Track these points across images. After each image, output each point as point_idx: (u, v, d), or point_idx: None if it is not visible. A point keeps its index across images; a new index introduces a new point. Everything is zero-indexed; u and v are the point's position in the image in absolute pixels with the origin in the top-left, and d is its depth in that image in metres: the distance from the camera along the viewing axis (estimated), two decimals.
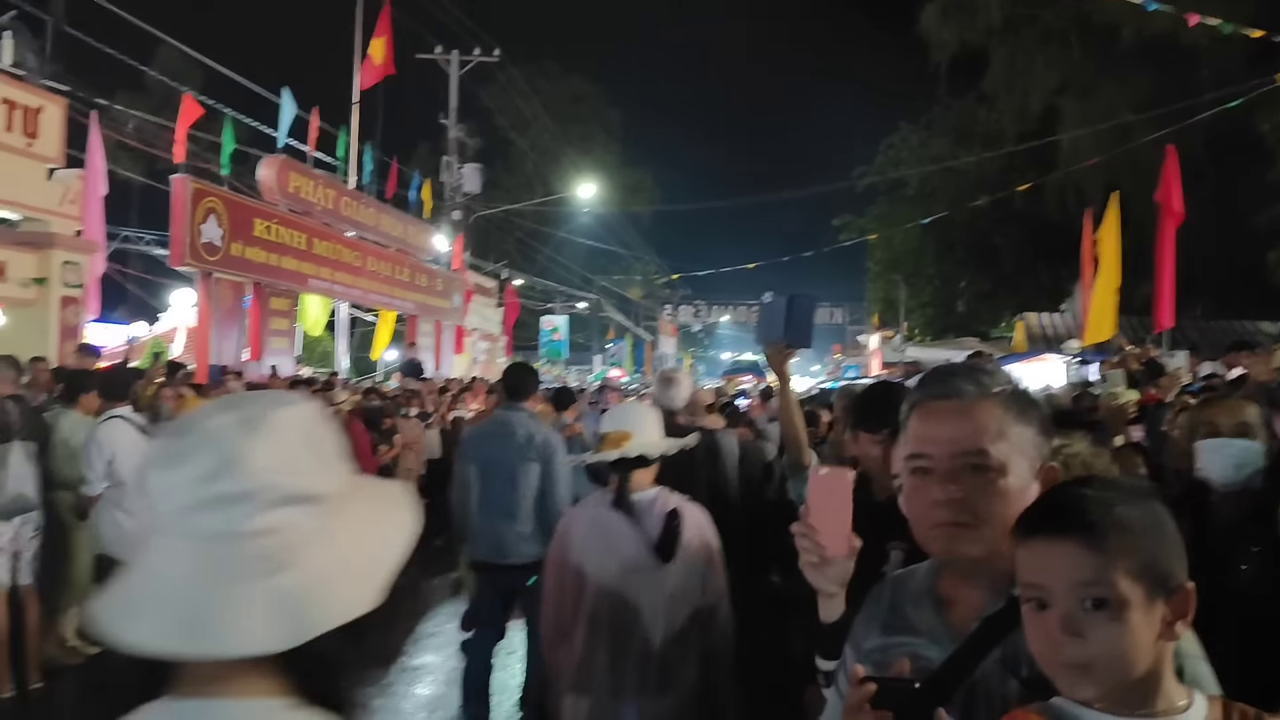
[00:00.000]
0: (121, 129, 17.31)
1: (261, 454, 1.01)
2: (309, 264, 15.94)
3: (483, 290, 26.73)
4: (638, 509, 3.08)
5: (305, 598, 0.99)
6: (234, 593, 0.98)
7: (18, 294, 10.73)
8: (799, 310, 3.10)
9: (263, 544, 1.00)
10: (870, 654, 1.52)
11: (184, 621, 0.97)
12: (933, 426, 1.50)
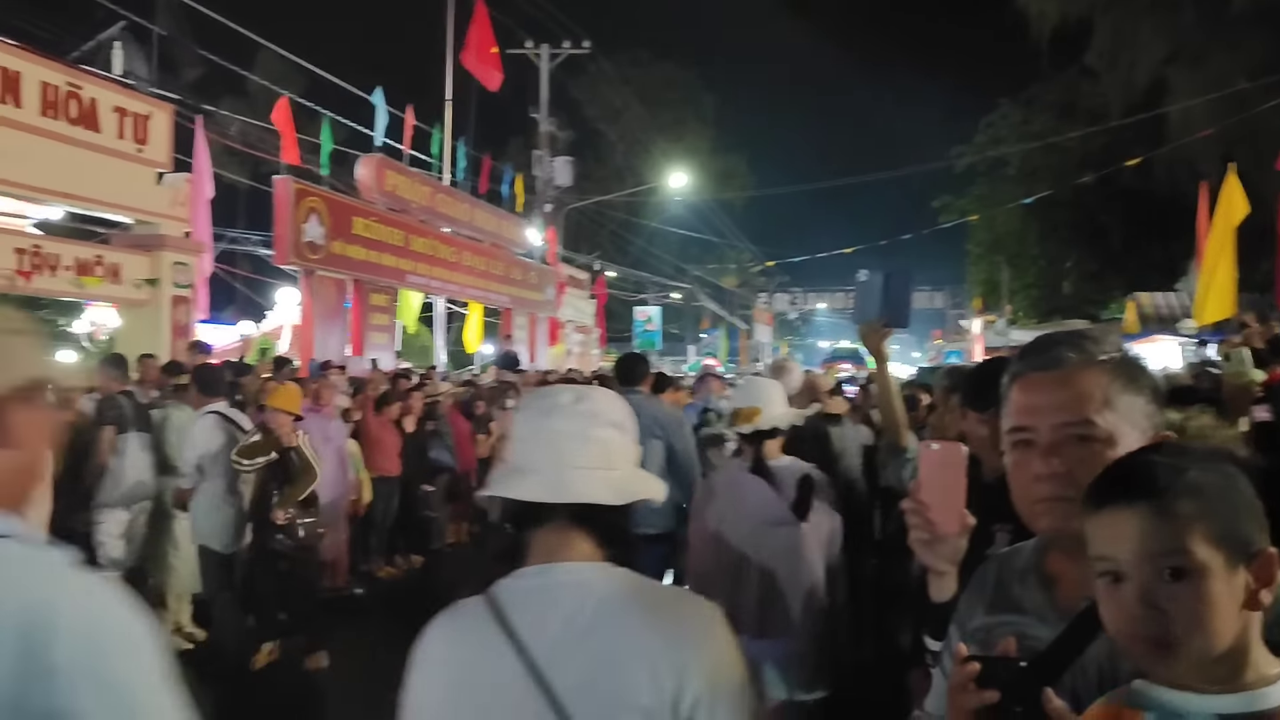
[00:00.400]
0: (226, 133, 17.87)
1: (600, 398, 1.66)
2: (407, 260, 16.23)
3: (576, 282, 26.89)
4: (774, 475, 3.40)
5: (622, 477, 1.61)
6: (584, 461, 1.57)
7: (131, 295, 11.15)
8: (895, 288, 3.01)
9: (601, 438, 1.60)
10: (975, 633, 1.46)
11: (552, 484, 1.54)
12: (1034, 397, 1.42)
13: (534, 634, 1.49)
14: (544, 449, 1.57)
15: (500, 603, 1.55)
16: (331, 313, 14.14)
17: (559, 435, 1.57)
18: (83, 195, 10.54)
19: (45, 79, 9.79)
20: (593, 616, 1.49)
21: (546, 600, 1.52)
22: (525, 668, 1.46)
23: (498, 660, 1.49)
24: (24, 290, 10.51)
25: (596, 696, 1.44)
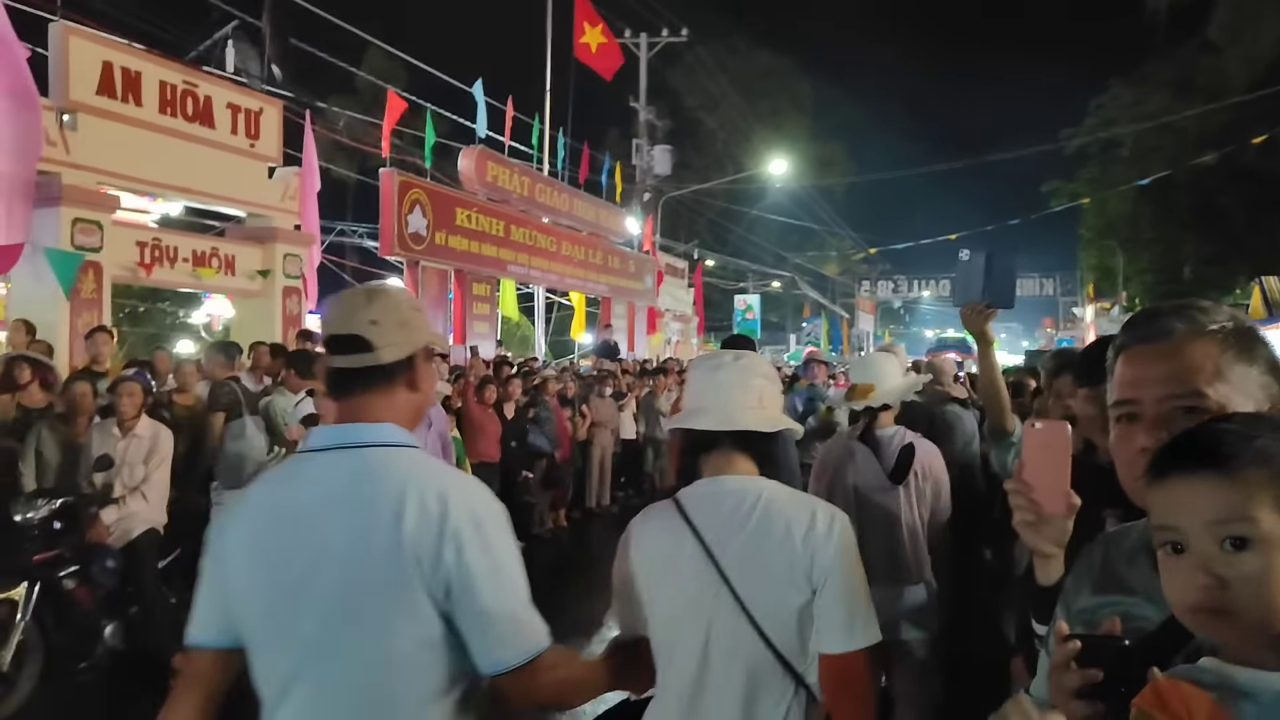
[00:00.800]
0: (334, 128, 18.35)
1: (753, 358, 2.20)
2: (507, 250, 16.46)
3: (674, 271, 26.89)
4: (880, 443, 3.66)
5: (770, 414, 2.14)
6: (748, 397, 2.11)
7: (245, 285, 11.56)
8: (999, 268, 2.92)
9: (759, 384, 2.14)
10: (1080, 614, 1.42)
11: (721, 418, 2.08)
12: (1139, 369, 1.37)
13: (706, 523, 2.02)
14: (714, 394, 2.12)
15: (682, 503, 2.09)
16: (435, 302, 14.43)
17: (724, 384, 2.12)
18: (199, 189, 10.95)
19: (164, 78, 10.21)
20: (749, 511, 2.01)
21: (715, 501, 2.06)
22: (701, 547, 2.00)
23: (681, 542, 2.03)
24: (145, 282, 10.99)
25: (751, 567, 1.98)
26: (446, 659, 1.66)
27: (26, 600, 5.28)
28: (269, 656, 1.72)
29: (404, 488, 1.66)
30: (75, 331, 8.97)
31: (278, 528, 1.72)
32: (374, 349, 1.77)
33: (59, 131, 9.11)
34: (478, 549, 1.66)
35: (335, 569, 1.65)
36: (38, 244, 8.82)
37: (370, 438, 1.75)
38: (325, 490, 1.71)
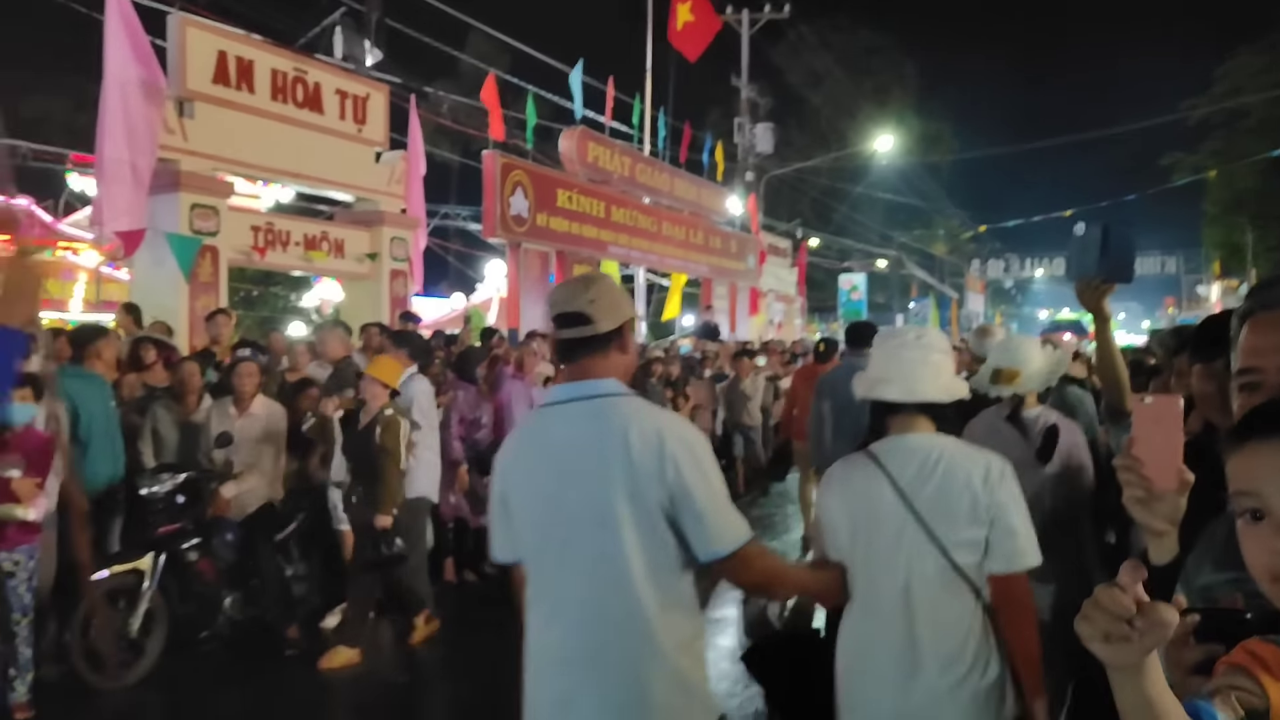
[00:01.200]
0: (438, 112, 18.64)
1: (931, 336, 2.60)
2: (608, 231, 16.50)
3: (777, 251, 26.61)
4: (1025, 423, 3.77)
5: (946, 384, 2.53)
6: (931, 373, 2.50)
7: (354, 269, 11.84)
8: (1116, 240, 2.79)
9: (937, 360, 2.53)
10: (1201, 591, 1.39)
11: (905, 389, 2.48)
12: (1264, 337, 1.33)
13: (899, 471, 2.47)
14: (898, 368, 2.53)
15: (877, 455, 2.53)
16: (536, 284, 14.56)
17: (908, 359, 2.54)
18: (309, 174, 11.24)
19: (275, 66, 10.49)
20: (935, 463, 2.46)
21: (906, 453, 2.50)
22: (896, 492, 2.46)
23: (878, 488, 2.48)
24: (259, 265, 11.35)
25: (940, 509, 2.42)
26: (671, 551, 2.20)
27: (153, 571, 5.52)
28: (539, 567, 2.30)
29: (629, 425, 2.22)
30: (194, 314, 9.32)
31: (540, 461, 2.32)
32: (593, 322, 2.31)
33: (177, 120, 9.44)
34: (690, 466, 2.19)
35: (585, 488, 2.21)
36: (158, 229, 9.18)
37: (596, 391, 2.30)
38: (572, 430, 2.29)
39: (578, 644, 2.22)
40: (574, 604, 2.22)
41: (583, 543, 2.21)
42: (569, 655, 2.23)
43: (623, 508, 2.17)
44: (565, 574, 2.24)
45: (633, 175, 17.58)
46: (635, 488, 2.17)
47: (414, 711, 5.28)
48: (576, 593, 2.22)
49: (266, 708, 5.26)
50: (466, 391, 7.75)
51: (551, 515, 2.27)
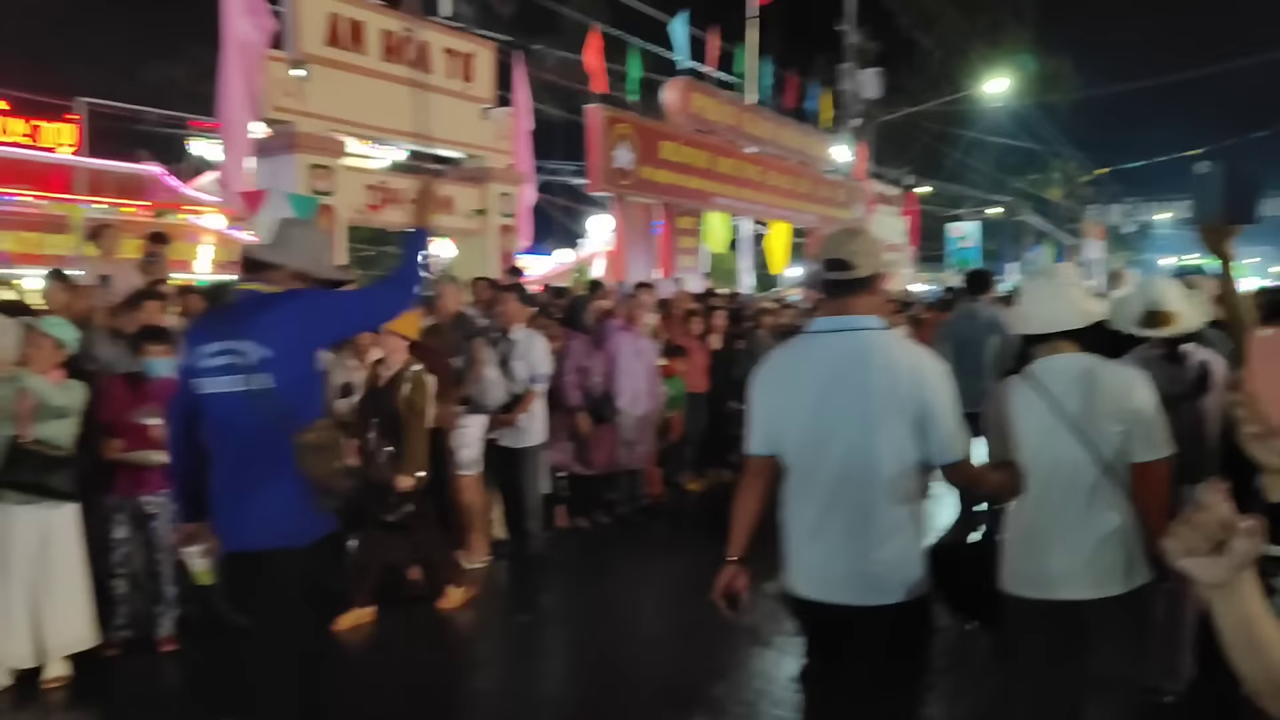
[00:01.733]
0: (543, 67, 18.72)
1: (1068, 272, 3.22)
2: (713, 182, 16.41)
3: (886, 199, 26.06)
4: (1180, 359, 4.03)
5: (1083, 311, 3.03)
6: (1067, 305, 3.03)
7: (463, 225, 12.06)
8: (1240, 180, 2.70)
9: (1073, 292, 3.06)
10: None
11: (1047, 320, 3.04)
12: None
13: (1052, 384, 2.99)
14: (1038, 303, 3.09)
15: (1032, 373, 3.06)
16: (640, 237, 14.61)
17: (1045, 296, 3.09)
18: (420, 133, 11.44)
19: (384, 26, 10.69)
20: (1079, 374, 2.98)
21: (1055, 370, 3.03)
22: (1049, 403, 2.97)
23: (1034, 401, 3.01)
24: (373, 223, 11.66)
25: (1089, 413, 2.93)
26: (915, 453, 2.77)
27: None
28: (802, 458, 2.87)
29: (890, 353, 2.79)
30: None
31: (807, 377, 2.85)
32: (855, 267, 2.82)
33: (295, 82, 9.72)
34: (937, 389, 2.77)
35: (846, 399, 2.77)
36: (278, 190, 9.51)
37: (859, 324, 2.82)
38: (836, 354, 2.81)
39: (831, 517, 2.81)
40: (829, 487, 2.81)
41: (840, 441, 2.78)
42: (824, 526, 2.82)
43: (878, 416, 2.74)
44: (824, 464, 2.81)
45: (737, 125, 17.41)
46: (890, 402, 2.73)
47: (534, 651, 5.47)
48: (832, 478, 2.80)
49: (391, 646, 5.51)
50: (580, 341, 7.89)
51: (815, 420, 2.82)
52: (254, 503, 3.15)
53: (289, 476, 3.12)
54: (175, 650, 5.27)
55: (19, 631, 4.75)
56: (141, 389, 5.26)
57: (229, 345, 3.13)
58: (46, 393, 4.75)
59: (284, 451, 3.11)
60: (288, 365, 3.14)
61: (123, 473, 5.20)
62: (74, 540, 4.94)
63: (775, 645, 5.27)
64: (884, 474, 2.75)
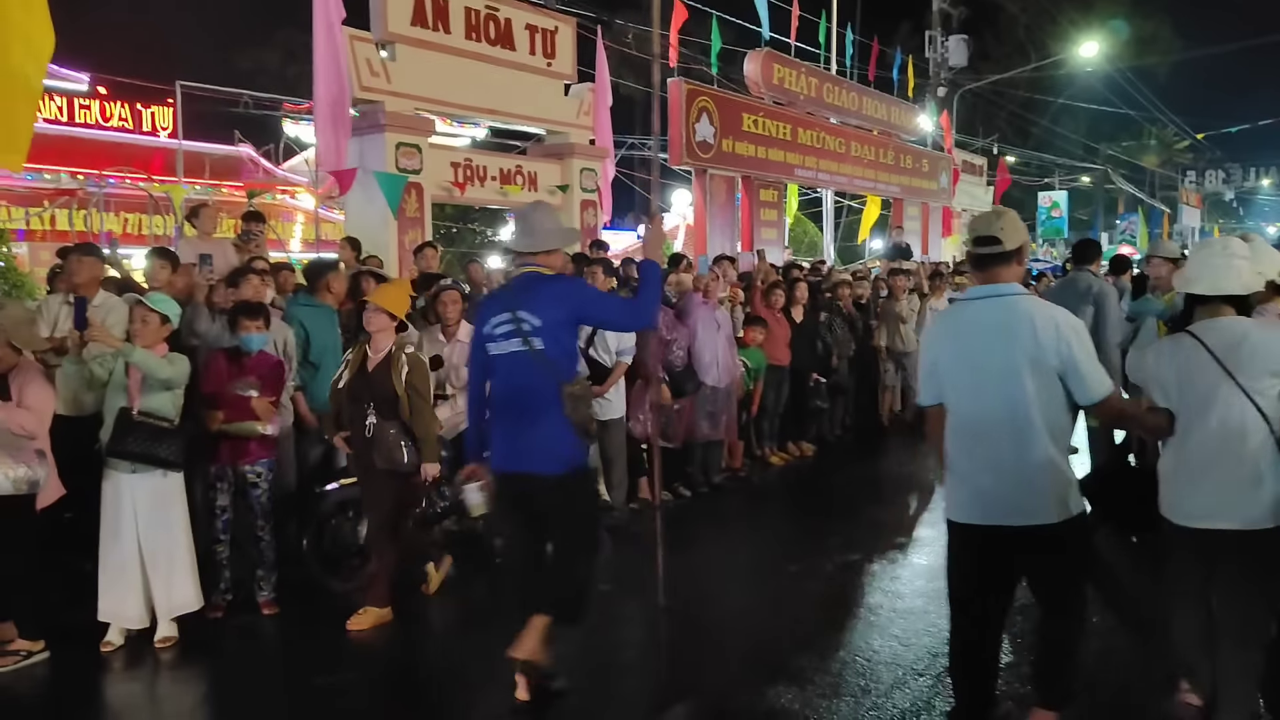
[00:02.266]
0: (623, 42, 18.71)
1: (1234, 244, 3.54)
2: (794, 154, 16.26)
3: (972, 169, 25.51)
4: None
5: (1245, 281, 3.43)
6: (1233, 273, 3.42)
7: (546, 200, 12.17)
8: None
9: (1238, 263, 3.44)
10: None
11: (1212, 284, 3.43)
12: None
13: (1213, 341, 3.37)
14: (1206, 269, 3.44)
15: (1194, 332, 3.43)
16: (722, 210, 14.57)
17: (1212, 263, 3.45)
18: (503, 110, 11.59)
19: (467, 4, 10.80)
20: (1239, 335, 3.36)
21: (1214, 330, 3.40)
22: (1211, 356, 3.35)
23: (1199, 356, 3.38)
24: (459, 200, 11.84)
25: (1248, 370, 3.30)
26: (1062, 397, 3.34)
27: None
28: (963, 406, 3.45)
29: (1033, 314, 3.34)
30: (403, 248, 9.86)
31: (965, 336, 3.46)
32: (1001, 242, 3.42)
33: (381, 62, 9.90)
34: (1077, 343, 3.31)
35: (998, 353, 3.34)
36: (367, 169, 9.72)
37: (1006, 291, 3.43)
38: (988, 318, 3.41)
39: (990, 455, 3.38)
40: (988, 429, 3.38)
41: (997, 390, 3.35)
42: (983, 463, 3.40)
43: (1025, 367, 3.31)
44: (983, 411, 3.40)
45: (819, 95, 17.20)
46: (1037, 354, 3.30)
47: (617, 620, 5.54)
48: (991, 422, 3.38)
49: (484, 608, 5.65)
50: (663, 313, 7.91)
51: (974, 373, 3.41)
52: (533, 437, 3.96)
53: (559, 418, 3.96)
54: (275, 613, 5.47)
55: (132, 594, 5.00)
56: (240, 362, 5.46)
57: (512, 315, 3.98)
58: (153, 366, 4.96)
59: (554, 399, 3.95)
60: (553, 333, 3.96)
61: (224, 443, 5.41)
62: (180, 508, 5.15)
63: (859, 617, 5.28)
64: (1035, 416, 3.31)
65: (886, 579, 5.93)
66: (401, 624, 5.46)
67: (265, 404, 5.39)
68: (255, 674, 4.92)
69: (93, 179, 14.08)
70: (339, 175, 9.57)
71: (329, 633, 5.26)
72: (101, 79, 16.30)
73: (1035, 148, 36.33)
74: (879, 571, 6.08)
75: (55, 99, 15.20)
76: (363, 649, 5.09)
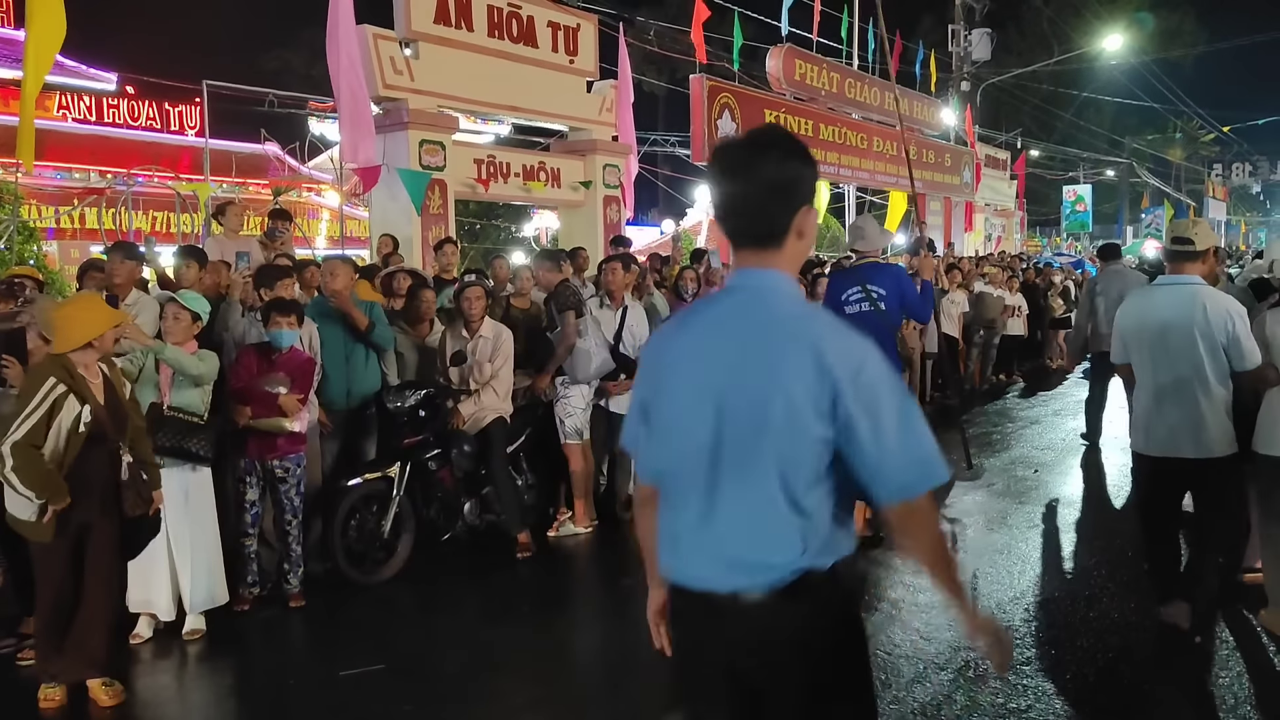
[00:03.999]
0: (645, 39, 18.73)
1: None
2: (816, 149, 16.08)
3: (995, 163, 25.37)
4: None
5: None
6: None
7: (569, 197, 12.23)
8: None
9: None
10: None
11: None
12: None
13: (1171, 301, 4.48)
14: None
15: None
16: None
17: None
18: (526, 107, 11.64)
19: (490, 2, 10.87)
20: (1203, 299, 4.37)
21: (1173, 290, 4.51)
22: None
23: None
24: (482, 197, 11.92)
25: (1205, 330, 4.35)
26: (1222, 363, 4.41)
27: (400, 478, 6.05)
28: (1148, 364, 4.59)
29: (1206, 302, 4.42)
30: (426, 244, 9.93)
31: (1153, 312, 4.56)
32: (1193, 243, 4.50)
33: (404, 60, 9.97)
34: (1237, 324, 4.37)
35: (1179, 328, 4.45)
36: (391, 165, 9.80)
37: (1188, 281, 4.51)
38: (1173, 299, 4.49)
39: (1172, 405, 4.47)
40: (1170, 383, 4.45)
41: (1179, 354, 4.43)
42: (1167, 411, 4.49)
43: (1199, 340, 4.37)
44: (1166, 368, 4.48)
45: (841, 91, 17.18)
46: (1207, 329, 4.36)
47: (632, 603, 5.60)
48: (1172, 378, 4.45)
49: (506, 604, 5.71)
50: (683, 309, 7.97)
51: (1161, 340, 4.49)
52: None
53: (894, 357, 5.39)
54: (301, 605, 5.55)
55: (161, 587, 5.07)
56: (270, 359, 5.53)
57: (863, 288, 6.07)
58: (185, 363, 5.04)
59: (892, 345, 6.07)
60: (890, 300, 6.04)
61: (253, 438, 5.48)
62: (209, 502, 5.23)
63: (880, 611, 5.30)
64: (1207, 374, 4.38)
65: (908, 573, 5.94)
66: (425, 614, 5.53)
67: (293, 400, 5.45)
68: (281, 666, 4.99)
69: (121, 177, 14.25)
70: (363, 173, 9.65)
71: (354, 625, 5.33)
72: (129, 78, 16.48)
73: (1059, 142, 36.07)
74: (900, 565, 6.09)
75: (85, 99, 15.39)
76: (388, 640, 5.16)
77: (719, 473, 1.89)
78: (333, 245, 15.71)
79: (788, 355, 1.83)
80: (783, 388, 1.81)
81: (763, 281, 1.93)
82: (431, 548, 6.34)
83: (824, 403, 1.80)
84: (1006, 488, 8.13)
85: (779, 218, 1.89)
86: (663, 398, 2.01)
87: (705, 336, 1.96)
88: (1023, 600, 5.41)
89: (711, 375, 1.90)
